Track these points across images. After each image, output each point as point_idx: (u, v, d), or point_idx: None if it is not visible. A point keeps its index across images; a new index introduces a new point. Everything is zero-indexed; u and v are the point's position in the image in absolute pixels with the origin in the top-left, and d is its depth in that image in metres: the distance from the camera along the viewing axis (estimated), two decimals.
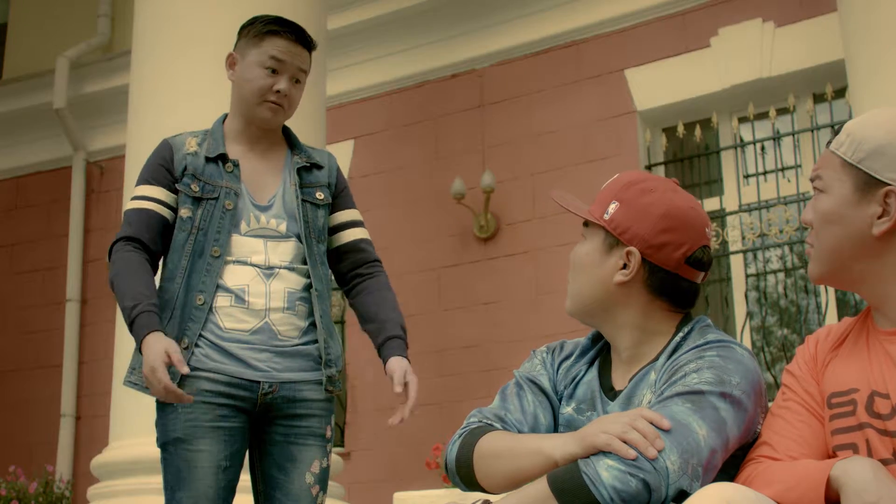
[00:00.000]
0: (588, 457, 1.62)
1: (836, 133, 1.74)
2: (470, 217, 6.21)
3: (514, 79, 6.35)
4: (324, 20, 5.02)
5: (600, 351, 1.97)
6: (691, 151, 5.97)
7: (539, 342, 2.07)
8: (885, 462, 1.57)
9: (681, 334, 1.85)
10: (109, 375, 4.79)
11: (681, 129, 5.83)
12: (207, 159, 2.54)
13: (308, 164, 2.62)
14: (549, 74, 6.24)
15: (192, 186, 2.51)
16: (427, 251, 6.33)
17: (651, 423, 1.63)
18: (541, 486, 1.65)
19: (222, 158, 2.55)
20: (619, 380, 1.89)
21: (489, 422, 1.88)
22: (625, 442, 1.60)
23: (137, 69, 4.85)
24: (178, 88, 4.54)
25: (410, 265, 6.25)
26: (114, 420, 4.62)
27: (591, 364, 1.96)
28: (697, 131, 5.81)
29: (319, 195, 2.61)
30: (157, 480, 4.05)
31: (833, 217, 1.70)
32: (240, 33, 2.63)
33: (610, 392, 1.88)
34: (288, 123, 2.67)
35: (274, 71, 2.54)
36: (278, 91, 2.54)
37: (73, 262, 7.46)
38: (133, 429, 4.32)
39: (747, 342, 5.57)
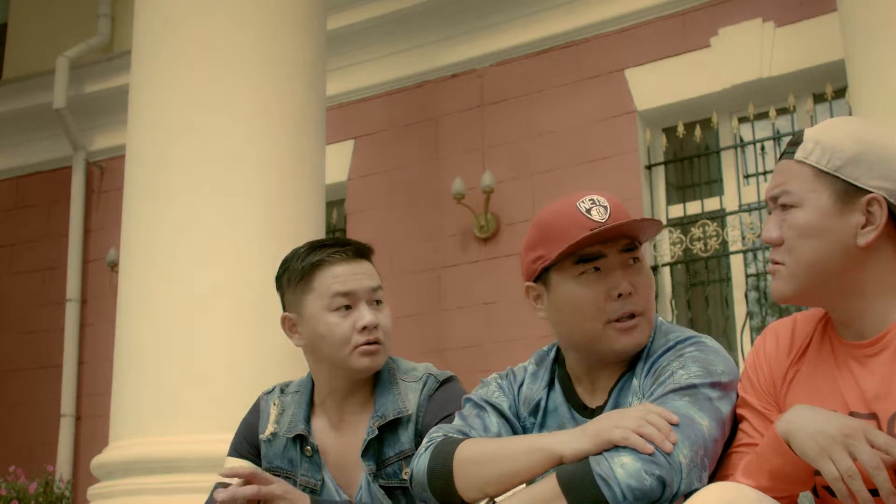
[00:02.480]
0: (600, 453, 1.60)
1: (793, 144, 1.65)
2: (470, 217, 6.21)
3: (514, 79, 6.34)
4: (324, 20, 5.01)
5: (552, 372, 1.93)
6: (691, 151, 5.96)
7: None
8: (873, 492, 1.46)
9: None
10: (109, 375, 4.77)
11: (681, 129, 5.82)
12: (287, 439, 2.11)
13: (387, 426, 2.08)
14: (549, 74, 6.23)
15: None
16: (427, 251, 6.32)
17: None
18: (548, 485, 1.61)
19: (301, 439, 2.10)
20: (590, 396, 1.85)
21: (455, 436, 1.83)
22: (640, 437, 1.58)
23: (137, 69, 4.84)
24: (178, 88, 4.53)
25: (410, 265, 6.25)
26: (114, 420, 4.61)
27: (549, 387, 1.91)
28: (697, 131, 5.80)
29: (407, 473, 2.06)
30: (157, 480, 4.09)
31: (812, 231, 1.61)
32: (279, 284, 2.13)
33: (585, 411, 1.84)
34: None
35: (347, 307, 2.04)
36: (365, 327, 2.03)
37: (73, 262, 7.45)
38: (133, 429, 4.32)
39: (747, 342, 5.57)
